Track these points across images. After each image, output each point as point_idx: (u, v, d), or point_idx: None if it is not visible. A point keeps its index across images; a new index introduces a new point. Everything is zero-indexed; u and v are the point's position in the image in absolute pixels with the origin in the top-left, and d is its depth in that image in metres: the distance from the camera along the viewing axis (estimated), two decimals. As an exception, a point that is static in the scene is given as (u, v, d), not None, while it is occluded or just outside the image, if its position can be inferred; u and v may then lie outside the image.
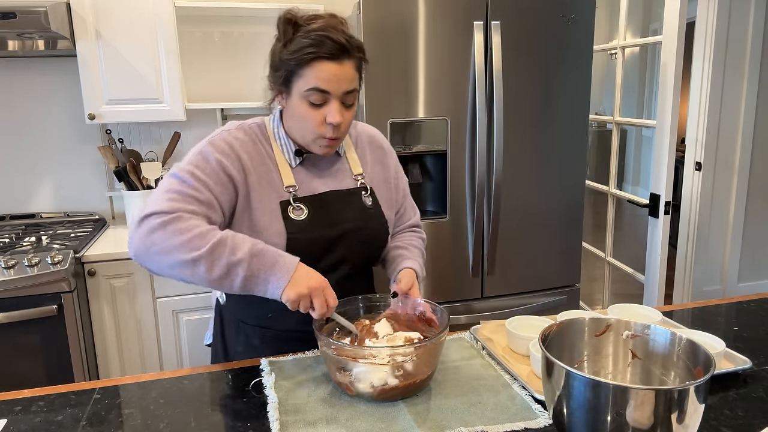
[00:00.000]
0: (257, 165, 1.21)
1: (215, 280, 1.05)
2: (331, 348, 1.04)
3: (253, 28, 2.66)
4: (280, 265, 1.06)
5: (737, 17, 3.23)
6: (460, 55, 2.17)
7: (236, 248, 1.04)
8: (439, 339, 1.05)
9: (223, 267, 1.03)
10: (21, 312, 1.98)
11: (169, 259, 1.04)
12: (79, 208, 2.67)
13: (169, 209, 1.06)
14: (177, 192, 1.10)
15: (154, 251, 1.05)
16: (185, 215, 1.07)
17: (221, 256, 1.03)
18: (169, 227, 1.04)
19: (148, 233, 1.05)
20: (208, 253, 1.03)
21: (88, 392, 1.10)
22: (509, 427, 0.95)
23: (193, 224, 1.06)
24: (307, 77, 1.12)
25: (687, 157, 3.45)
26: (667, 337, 0.91)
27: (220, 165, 1.15)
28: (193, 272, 1.04)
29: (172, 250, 1.03)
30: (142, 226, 1.06)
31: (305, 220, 1.21)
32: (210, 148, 1.17)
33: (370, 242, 1.29)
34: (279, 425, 0.96)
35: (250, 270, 1.04)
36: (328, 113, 1.15)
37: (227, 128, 1.22)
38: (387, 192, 1.36)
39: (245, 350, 1.29)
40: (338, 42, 1.12)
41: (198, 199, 1.10)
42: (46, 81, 2.54)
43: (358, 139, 1.37)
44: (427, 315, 1.17)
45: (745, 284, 3.63)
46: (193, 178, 1.12)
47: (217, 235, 1.05)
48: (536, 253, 2.43)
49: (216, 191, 1.13)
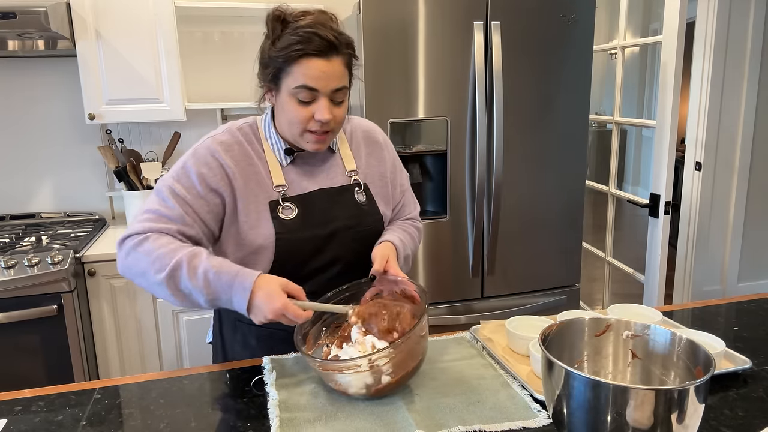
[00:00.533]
0: (244, 167, 1.20)
1: (183, 302, 1.09)
2: (316, 365, 1.03)
3: (253, 28, 2.66)
4: (237, 286, 1.05)
5: (737, 17, 3.23)
6: (460, 55, 2.17)
7: (192, 269, 1.06)
8: (414, 332, 1.01)
9: (184, 291, 1.07)
10: (21, 312, 1.98)
11: (145, 281, 1.10)
12: (79, 208, 2.67)
13: (142, 230, 1.11)
14: (153, 212, 1.14)
15: (132, 273, 1.11)
16: (154, 235, 1.11)
17: (180, 279, 1.06)
18: (139, 248, 1.09)
19: (125, 256, 1.11)
20: (168, 277, 1.06)
21: (88, 392, 1.10)
22: (507, 426, 0.95)
23: (160, 243, 1.09)
24: (295, 75, 1.12)
25: (687, 157, 3.45)
26: (667, 337, 0.91)
27: (201, 178, 1.16)
28: (164, 294, 1.08)
29: (144, 272, 1.09)
30: (121, 248, 1.12)
31: (294, 219, 1.20)
32: (192, 160, 1.18)
33: (364, 239, 1.27)
34: (279, 423, 0.96)
35: (209, 291, 1.06)
36: (316, 110, 1.14)
37: (213, 134, 1.23)
38: (382, 187, 1.35)
39: (242, 349, 1.29)
40: (326, 39, 1.11)
41: (171, 218, 1.14)
42: (46, 81, 2.54)
43: (353, 134, 1.36)
44: (409, 293, 1.17)
45: (745, 284, 3.63)
46: (172, 197, 1.15)
47: (175, 257, 1.06)
48: (536, 253, 2.43)
49: (196, 206, 1.16)
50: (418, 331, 1.02)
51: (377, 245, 1.26)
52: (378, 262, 1.19)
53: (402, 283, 1.18)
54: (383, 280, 1.19)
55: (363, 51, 2.06)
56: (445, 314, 2.35)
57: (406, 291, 1.17)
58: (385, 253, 1.21)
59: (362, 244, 1.27)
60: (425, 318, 1.04)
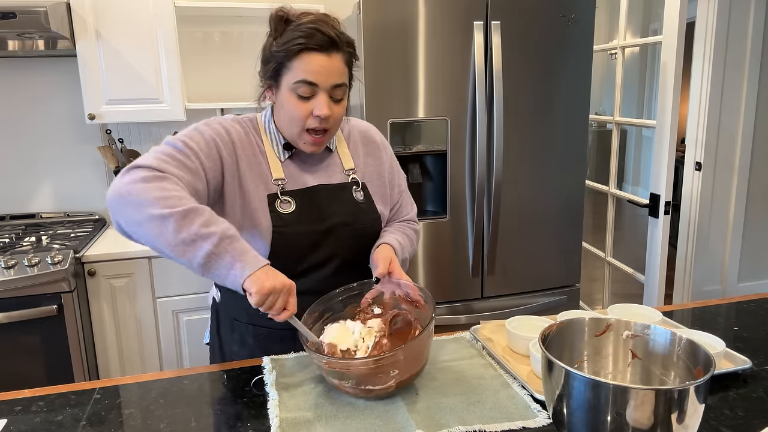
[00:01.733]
0: (248, 155, 1.21)
1: (179, 245, 0.98)
2: (322, 362, 1.03)
3: (253, 28, 2.66)
4: (250, 257, 1.01)
5: (737, 17, 3.23)
6: (460, 55, 2.17)
7: (211, 222, 1.00)
8: (423, 335, 1.02)
9: (191, 233, 0.98)
10: (21, 312, 1.98)
11: (140, 212, 0.99)
12: (79, 208, 2.67)
13: (157, 167, 1.04)
14: (168, 155, 1.08)
15: (128, 200, 1.01)
16: (172, 178, 1.04)
17: (193, 222, 0.99)
18: (152, 183, 1.01)
19: (129, 182, 1.02)
20: (181, 215, 0.98)
21: (88, 392, 1.10)
22: (507, 426, 0.95)
23: (176, 188, 1.03)
24: (296, 69, 1.13)
25: (687, 157, 3.45)
26: (667, 337, 0.91)
27: (213, 142, 1.16)
28: (160, 230, 0.98)
29: (146, 204, 0.99)
30: (125, 175, 1.03)
31: (292, 213, 1.20)
32: (206, 127, 1.18)
33: (362, 237, 1.28)
34: (279, 423, 0.96)
35: (218, 248, 0.99)
36: (315, 106, 1.15)
37: (222, 117, 1.24)
38: (380, 187, 1.35)
39: (240, 349, 1.29)
40: (327, 35, 1.12)
41: (187, 166, 1.09)
42: (46, 81, 2.54)
43: (351, 134, 1.36)
44: (413, 297, 1.16)
45: (745, 284, 3.63)
46: (186, 147, 1.11)
47: (195, 204, 1.01)
48: (536, 253, 2.43)
49: (206, 164, 1.13)
50: (425, 335, 1.02)
51: (377, 247, 1.26)
52: (381, 264, 1.20)
53: (406, 286, 1.18)
54: (386, 282, 1.20)
55: (363, 51, 2.06)
56: (445, 314, 2.35)
57: (410, 295, 1.17)
58: (388, 255, 1.22)
59: (359, 242, 1.27)
60: (431, 326, 1.04)
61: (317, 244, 1.22)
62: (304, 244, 1.21)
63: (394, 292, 1.19)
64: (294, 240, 1.20)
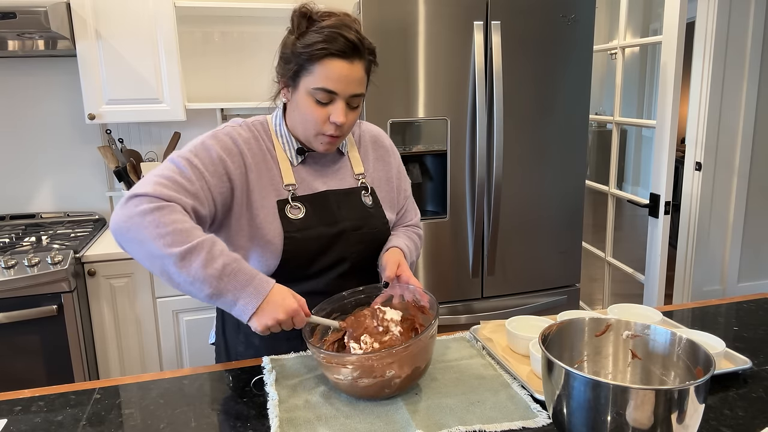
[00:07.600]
0: (258, 162, 1.21)
1: (181, 285, 1.01)
2: (321, 356, 1.03)
3: (253, 28, 2.66)
4: (251, 290, 1.02)
5: (737, 17, 3.23)
6: (460, 55, 2.17)
7: (209, 261, 1.00)
8: (426, 336, 1.02)
9: (191, 275, 0.99)
10: (21, 312, 1.98)
11: (141, 249, 1.00)
12: (79, 208, 2.67)
13: (156, 194, 1.03)
14: (169, 179, 1.07)
15: (129, 237, 1.01)
16: (172, 205, 1.03)
17: (191, 263, 0.99)
18: (150, 216, 1.00)
19: (128, 217, 1.01)
20: (180, 257, 0.98)
21: (88, 392, 1.10)
22: (507, 426, 0.95)
23: (176, 218, 1.01)
24: (316, 75, 1.12)
25: (687, 157, 3.45)
26: (667, 337, 0.91)
27: (220, 159, 1.14)
28: (162, 270, 1.00)
29: (146, 241, 0.99)
30: (125, 206, 1.03)
31: (302, 219, 1.21)
32: (213, 141, 1.16)
33: (371, 241, 1.29)
34: (279, 422, 0.96)
35: (218, 289, 1.00)
36: (332, 112, 1.15)
37: (231, 124, 1.23)
38: (388, 192, 1.36)
39: (246, 349, 1.29)
40: (351, 41, 1.12)
41: (188, 190, 1.08)
42: (46, 81, 2.54)
43: (361, 138, 1.37)
44: (420, 303, 1.17)
45: (745, 284, 3.63)
46: (190, 167, 1.10)
47: (196, 239, 1.00)
48: (536, 253, 2.43)
49: (211, 183, 1.12)
50: (427, 335, 1.03)
51: (386, 251, 1.27)
52: (390, 267, 1.21)
53: (414, 291, 1.18)
54: (395, 285, 1.20)
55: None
56: (445, 314, 2.35)
57: (418, 302, 1.17)
58: (397, 259, 1.23)
59: (368, 246, 1.28)
60: (435, 324, 1.04)
61: (326, 247, 1.23)
62: (313, 248, 1.21)
63: (403, 296, 1.20)
64: (303, 245, 1.20)
